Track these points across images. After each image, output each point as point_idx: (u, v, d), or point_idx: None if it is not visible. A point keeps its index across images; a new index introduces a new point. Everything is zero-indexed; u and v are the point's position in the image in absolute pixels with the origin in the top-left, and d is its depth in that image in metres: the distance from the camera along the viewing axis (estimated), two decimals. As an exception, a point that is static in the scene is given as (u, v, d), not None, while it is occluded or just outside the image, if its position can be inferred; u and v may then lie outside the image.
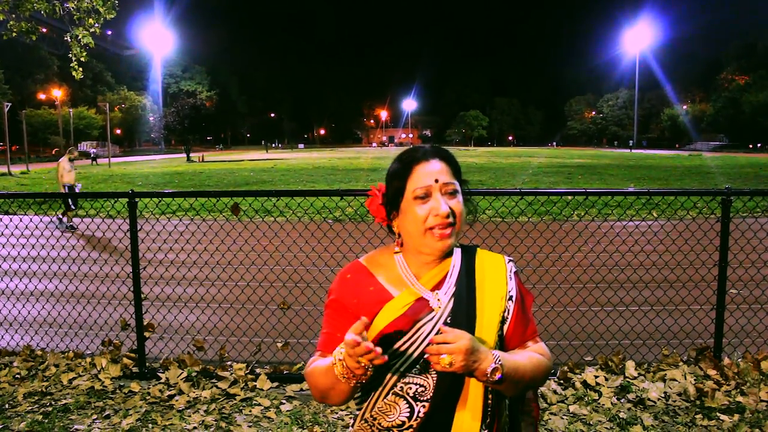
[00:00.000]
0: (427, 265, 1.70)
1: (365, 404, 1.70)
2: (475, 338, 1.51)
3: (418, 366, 1.61)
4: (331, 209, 13.51)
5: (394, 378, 1.63)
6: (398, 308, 1.64)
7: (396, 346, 1.62)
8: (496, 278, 1.71)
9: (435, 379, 1.60)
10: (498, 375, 1.48)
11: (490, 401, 1.63)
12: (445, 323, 1.61)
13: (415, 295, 1.66)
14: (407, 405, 1.61)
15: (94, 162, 56.29)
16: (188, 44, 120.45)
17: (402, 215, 1.66)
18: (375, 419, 1.66)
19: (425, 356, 1.55)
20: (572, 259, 7.95)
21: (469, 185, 1.77)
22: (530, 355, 1.65)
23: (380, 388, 1.65)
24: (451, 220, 1.61)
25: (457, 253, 1.74)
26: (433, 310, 1.64)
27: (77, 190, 14.64)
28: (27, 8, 15.28)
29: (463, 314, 1.63)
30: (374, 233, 5.27)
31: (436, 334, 1.56)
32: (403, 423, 1.61)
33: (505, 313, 1.69)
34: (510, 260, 1.77)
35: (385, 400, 1.65)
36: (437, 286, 1.67)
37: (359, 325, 1.41)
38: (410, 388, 1.61)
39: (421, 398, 1.60)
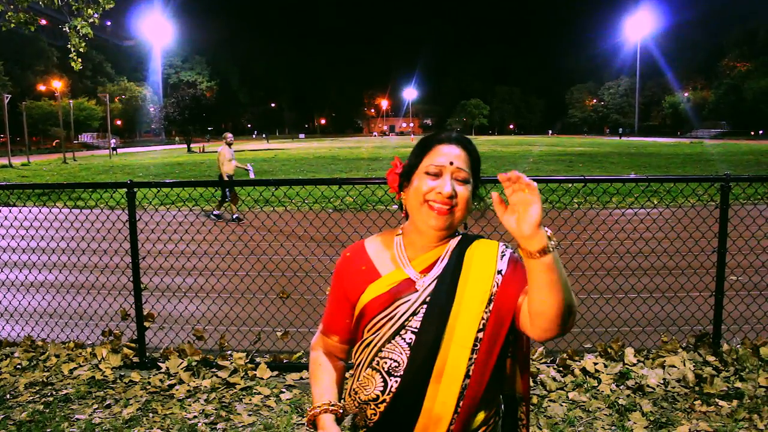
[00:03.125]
0: (423, 249, 1.73)
1: (351, 378, 1.77)
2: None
3: (392, 342, 1.67)
4: (330, 198, 13.51)
5: (372, 353, 1.69)
6: (383, 286, 1.70)
7: (374, 320, 1.69)
8: (485, 259, 1.70)
9: (408, 354, 1.64)
10: (550, 243, 1.39)
11: (469, 381, 1.64)
12: (424, 302, 1.65)
13: (403, 276, 1.70)
14: (382, 379, 1.67)
15: (114, 152, 58.52)
16: (188, 34, 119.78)
17: (410, 186, 1.71)
18: (356, 393, 1.73)
19: (401, 332, 1.65)
20: (571, 246, 7.95)
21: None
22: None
23: (361, 363, 1.72)
24: (453, 202, 1.64)
25: (456, 240, 1.75)
26: (416, 290, 1.67)
27: (251, 175, 13.55)
28: (24, -1, 15.23)
29: (443, 295, 1.65)
30: (373, 222, 5.27)
31: (413, 314, 1.65)
32: (378, 396, 1.67)
33: (493, 288, 1.65)
34: (505, 245, 1.76)
35: (364, 373, 1.71)
36: (427, 269, 1.70)
37: None
38: (385, 363, 1.67)
39: (395, 373, 1.65)
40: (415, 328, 1.64)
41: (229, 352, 4.98)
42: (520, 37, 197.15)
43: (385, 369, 1.66)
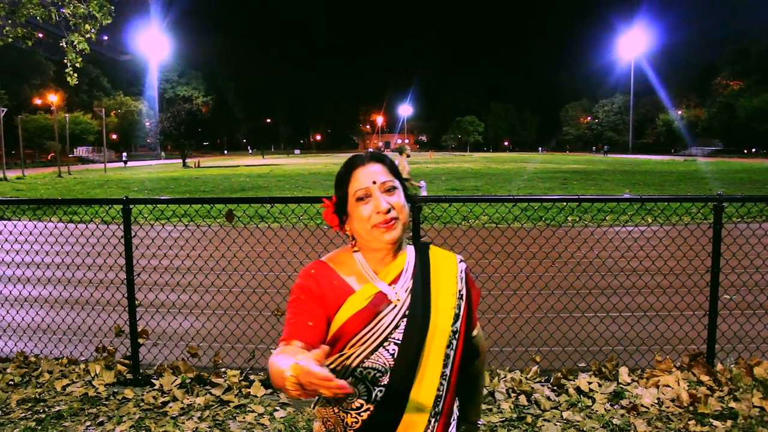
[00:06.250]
0: (383, 261, 1.82)
1: None
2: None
3: (376, 353, 1.72)
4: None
5: (355, 363, 1.73)
6: (361, 300, 1.75)
7: (359, 335, 1.73)
8: (449, 276, 1.86)
9: (392, 365, 1.72)
10: None
11: (445, 379, 1.78)
12: (404, 315, 1.74)
13: (375, 289, 1.77)
14: (365, 389, 1.72)
15: (125, 165, 62.72)
16: (184, 49, 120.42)
17: (351, 218, 1.79)
18: (336, 401, 1.77)
19: (384, 343, 1.72)
20: (566, 265, 7.97)
21: (413, 181, 1.94)
22: (479, 381, 2.08)
23: (342, 373, 1.75)
24: (393, 214, 1.73)
25: (411, 249, 1.89)
26: (392, 302, 1.75)
27: (423, 192, 13.16)
28: (23, 14, 15.25)
29: (419, 308, 1.77)
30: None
31: (395, 327, 1.73)
32: (361, 405, 1.73)
33: (457, 310, 1.83)
34: (461, 260, 1.92)
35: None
36: (394, 281, 1.79)
37: (320, 354, 1.39)
38: (369, 373, 1.72)
39: (379, 383, 1.72)
40: (398, 339, 1.73)
41: (223, 370, 4.96)
42: (516, 55, 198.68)
43: (369, 379, 1.72)
